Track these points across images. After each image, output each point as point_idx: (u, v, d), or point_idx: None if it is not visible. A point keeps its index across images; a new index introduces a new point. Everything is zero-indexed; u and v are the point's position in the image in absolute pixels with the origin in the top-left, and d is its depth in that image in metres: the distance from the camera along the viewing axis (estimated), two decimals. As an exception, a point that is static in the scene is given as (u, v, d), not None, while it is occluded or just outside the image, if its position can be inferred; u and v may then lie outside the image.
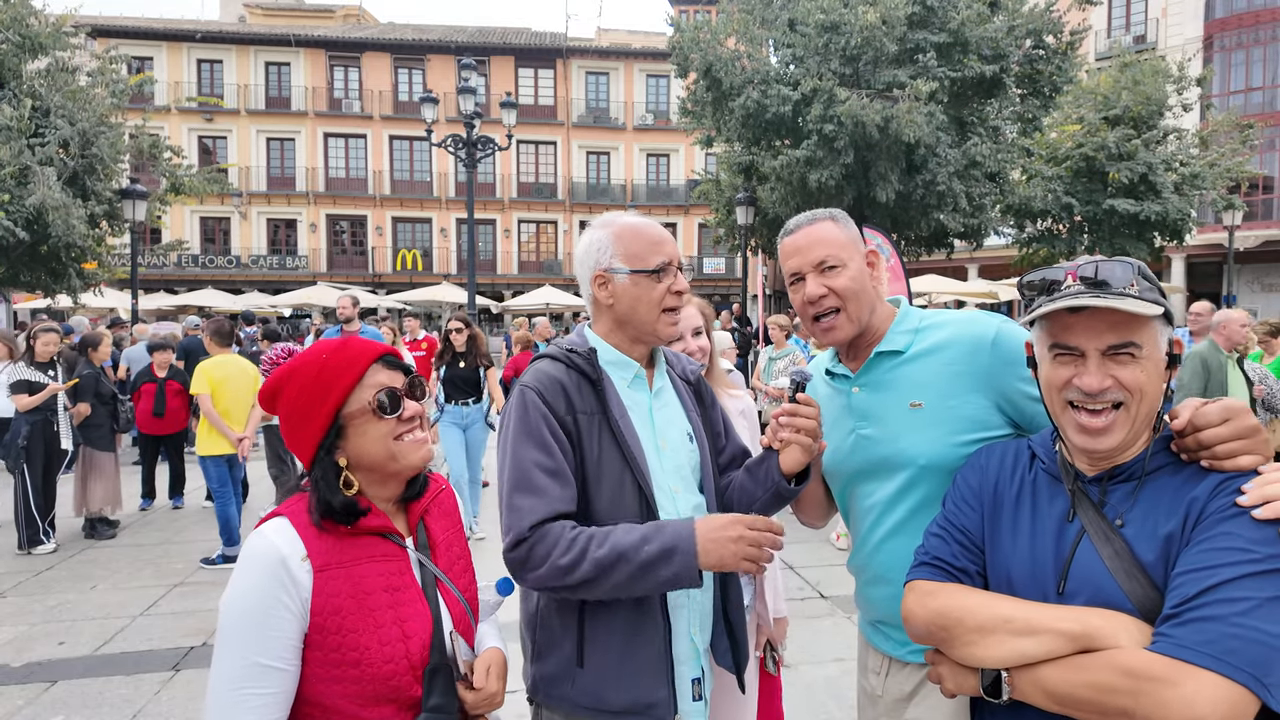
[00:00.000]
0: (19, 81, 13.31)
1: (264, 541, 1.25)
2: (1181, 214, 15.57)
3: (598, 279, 1.62)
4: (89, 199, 13.91)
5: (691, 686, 1.58)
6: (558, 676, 1.52)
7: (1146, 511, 1.16)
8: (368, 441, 1.32)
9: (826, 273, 1.62)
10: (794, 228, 1.69)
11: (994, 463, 1.38)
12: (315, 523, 1.28)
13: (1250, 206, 21.32)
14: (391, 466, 1.34)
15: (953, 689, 1.24)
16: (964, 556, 1.31)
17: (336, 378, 1.31)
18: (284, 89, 31.28)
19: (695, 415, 1.73)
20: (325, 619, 1.23)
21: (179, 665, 4.20)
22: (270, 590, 1.21)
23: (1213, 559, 1.05)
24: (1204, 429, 1.14)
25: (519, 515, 1.45)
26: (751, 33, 15.00)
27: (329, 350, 1.34)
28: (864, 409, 1.67)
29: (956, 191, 14.21)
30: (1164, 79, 16.32)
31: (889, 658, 1.69)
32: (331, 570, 1.25)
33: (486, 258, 31.73)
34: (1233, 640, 0.98)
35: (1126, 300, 1.15)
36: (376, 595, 1.28)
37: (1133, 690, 1.02)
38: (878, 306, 1.69)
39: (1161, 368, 1.19)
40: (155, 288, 27.59)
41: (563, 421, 1.52)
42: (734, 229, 17.74)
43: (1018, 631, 1.14)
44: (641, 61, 32.59)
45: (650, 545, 1.41)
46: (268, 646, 1.21)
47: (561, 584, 1.42)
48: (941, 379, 1.57)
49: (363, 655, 1.24)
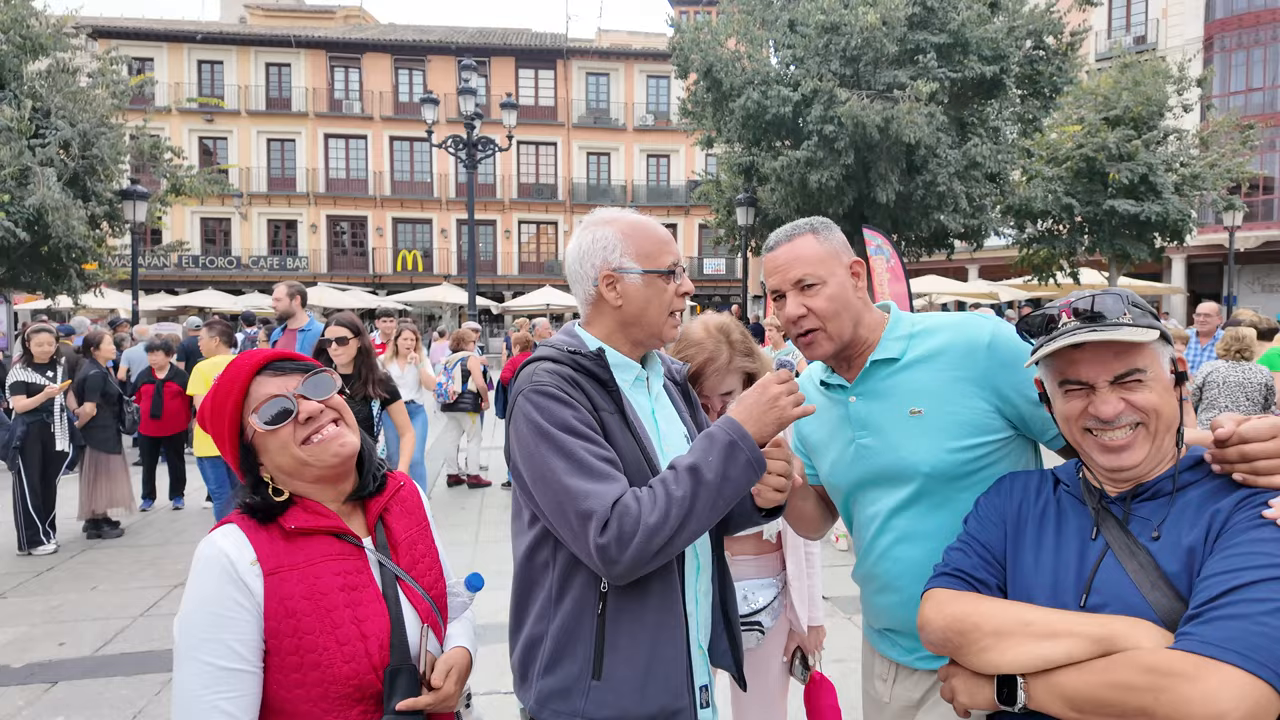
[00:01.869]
0: (20, 82, 13.32)
1: (212, 548, 1.25)
2: (1182, 215, 15.58)
3: (606, 279, 1.54)
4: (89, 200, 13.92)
5: (700, 694, 1.56)
6: (569, 690, 1.43)
7: (1170, 525, 1.17)
8: (275, 454, 1.31)
9: (805, 291, 1.61)
10: (774, 244, 1.68)
11: (1018, 487, 1.39)
12: (260, 523, 1.29)
13: (1251, 207, 21.32)
14: (307, 472, 1.32)
15: (966, 703, 1.21)
16: (984, 569, 1.31)
17: (223, 403, 1.31)
18: (284, 90, 31.30)
19: (687, 416, 1.71)
20: (280, 622, 1.23)
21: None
22: (224, 592, 1.21)
23: (1237, 563, 1.05)
24: (1252, 441, 1.14)
25: (594, 499, 1.33)
26: (752, 34, 15.01)
27: (221, 373, 1.35)
28: (863, 418, 1.65)
29: (957, 192, 14.23)
30: (1164, 80, 16.32)
31: (896, 664, 1.67)
32: (284, 573, 1.25)
33: (487, 258, 31.73)
34: (1257, 637, 0.98)
35: (1123, 330, 1.17)
36: (333, 595, 1.27)
37: (1153, 687, 1.01)
38: (864, 317, 1.66)
39: (1169, 385, 1.22)
40: (156, 288, 27.62)
41: (591, 417, 1.46)
42: (734, 230, 17.76)
43: (1038, 635, 1.13)
44: (642, 62, 32.61)
45: (711, 455, 1.37)
46: (229, 649, 1.20)
47: (661, 544, 1.33)
48: (939, 384, 1.56)
49: (322, 657, 1.23)
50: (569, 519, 1.36)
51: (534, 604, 1.49)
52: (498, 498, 8.08)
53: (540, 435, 1.40)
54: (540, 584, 1.48)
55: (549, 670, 1.45)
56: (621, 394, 1.51)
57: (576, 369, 1.49)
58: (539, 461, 1.40)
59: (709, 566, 1.63)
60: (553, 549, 1.46)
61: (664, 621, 1.46)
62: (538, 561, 1.49)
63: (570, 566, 1.44)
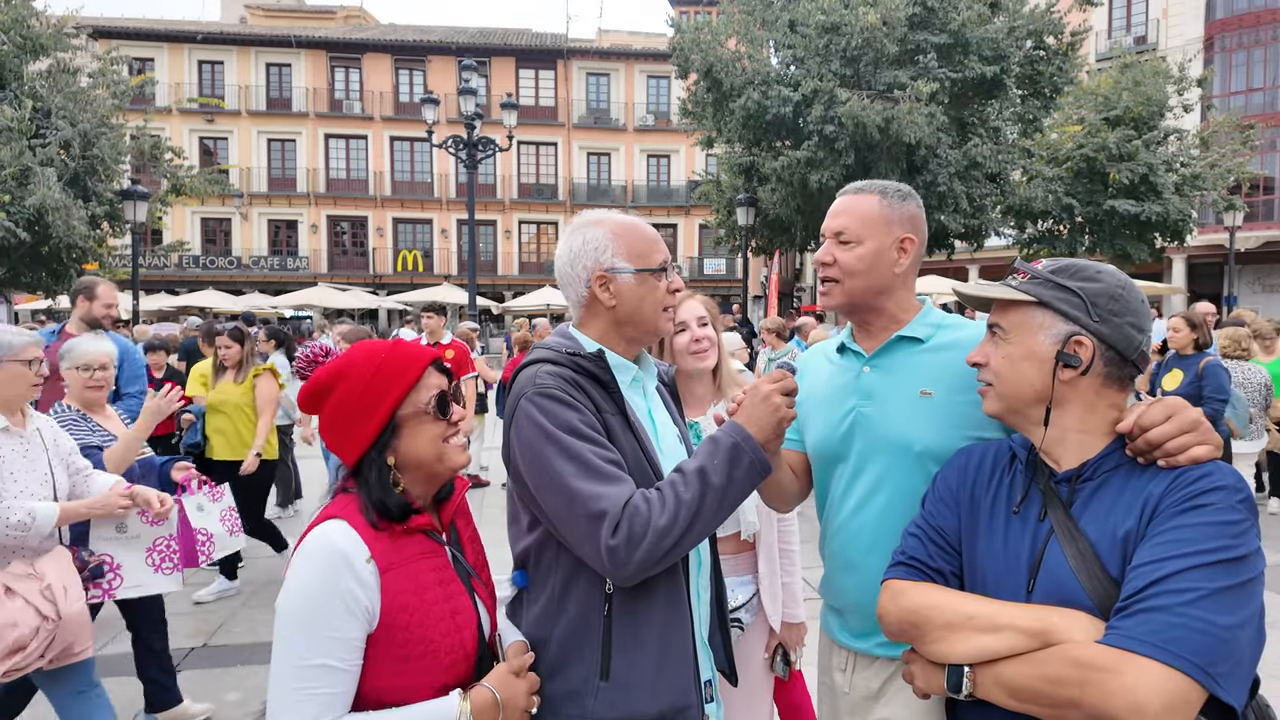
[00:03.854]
0: (20, 83, 13.34)
1: (327, 544, 1.26)
2: (1182, 215, 15.57)
3: (599, 279, 1.55)
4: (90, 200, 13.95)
5: (705, 689, 1.57)
6: (578, 692, 1.42)
7: (1108, 510, 1.18)
8: (421, 442, 1.36)
9: (840, 244, 1.65)
10: (844, 191, 1.72)
11: (973, 464, 1.40)
12: (371, 523, 1.30)
13: (1251, 207, 21.32)
14: (437, 468, 1.39)
15: (923, 687, 1.27)
16: (940, 557, 1.34)
17: (396, 377, 1.35)
18: (285, 90, 31.32)
19: (678, 417, 1.72)
20: (394, 616, 1.27)
21: (180, 665, 4.20)
22: (334, 592, 1.23)
23: (1163, 552, 1.07)
24: (1150, 428, 1.17)
25: (605, 501, 1.33)
26: (752, 34, 15.01)
27: (384, 351, 1.38)
28: (870, 388, 1.66)
29: (957, 192, 14.22)
30: (1165, 80, 16.32)
31: (854, 653, 1.69)
32: (395, 570, 1.29)
33: (487, 259, 31.74)
34: (1175, 629, 1.01)
35: (990, 288, 1.34)
36: (432, 590, 1.33)
37: (1080, 680, 1.04)
38: (896, 293, 1.67)
39: (1036, 356, 1.27)
40: (156, 289, 27.62)
41: (595, 419, 1.45)
42: (734, 230, 17.76)
43: (981, 628, 1.17)
44: (642, 62, 32.62)
45: (717, 458, 1.39)
46: (330, 648, 1.22)
47: (669, 546, 1.33)
48: (954, 374, 1.57)
49: (428, 647, 1.30)
50: (578, 521, 1.35)
51: (533, 606, 1.49)
52: (498, 497, 8.09)
53: (546, 438, 1.39)
54: (543, 587, 1.48)
55: (555, 674, 1.44)
56: (623, 395, 1.51)
57: (577, 370, 1.48)
58: (545, 465, 1.39)
59: (708, 561, 1.64)
60: (555, 552, 1.45)
61: (672, 620, 1.47)
62: (541, 564, 1.48)
63: (574, 570, 1.44)
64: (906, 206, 1.66)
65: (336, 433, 1.37)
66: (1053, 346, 1.25)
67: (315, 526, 1.30)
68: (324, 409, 1.37)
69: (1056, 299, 1.25)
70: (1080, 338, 1.23)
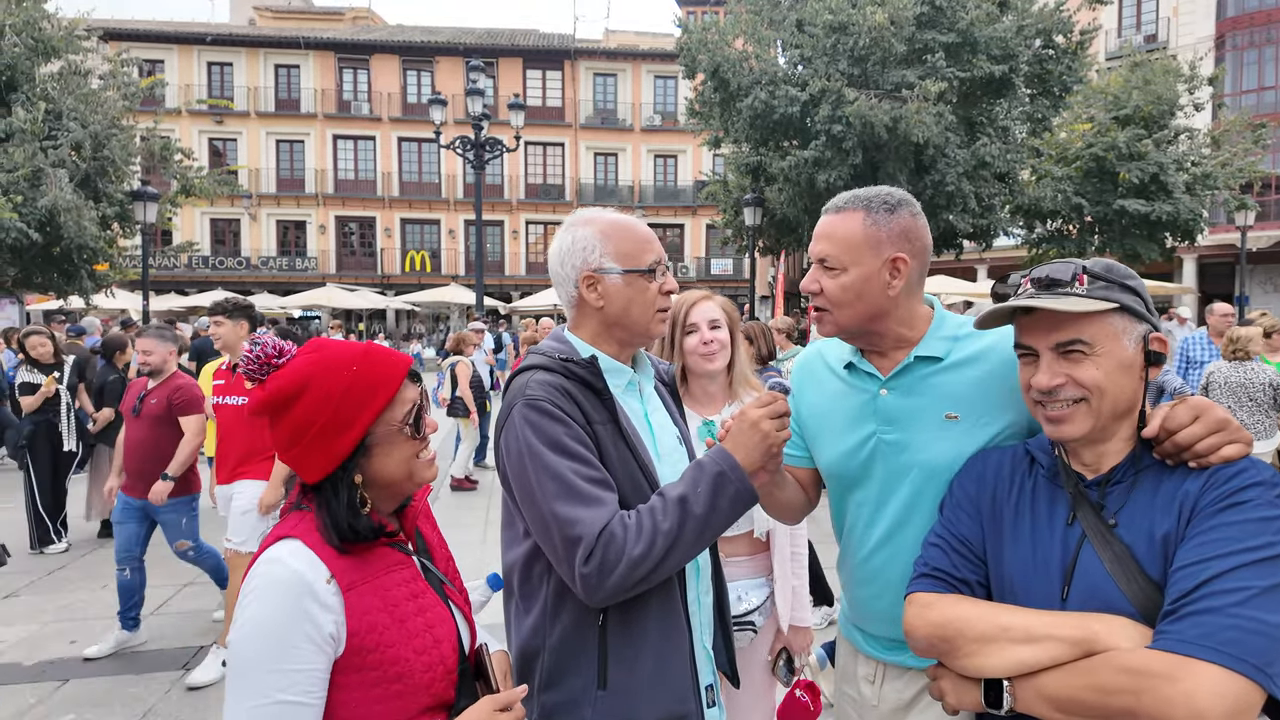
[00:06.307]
0: (32, 85, 13.45)
1: (282, 568, 1.14)
2: (1193, 214, 15.44)
3: (586, 280, 1.52)
4: (100, 201, 14.04)
5: (706, 694, 1.55)
6: (576, 702, 1.41)
7: (1143, 512, 1.15)
8: (392, 462, 1.24)
9: (824, 270, 1.54)
10: (827, 209, 1.59)
11: (990, 470, 1.36)
12: (334, 546, 1.18)
13: (1263, 207, 21.13)
14: (407, 486, 1.29)
15: (955, 704, 1.21)
16: (965, 567, 1.29)
17: (371, 393, 1.21)
18: (293, 91, 31.44)
19: (679, 418, 1.69)
20: (363, 638, 1.16)
21: (189, 664, 4.23)
22: (294, 620, 1.11)
23: (1207, 551, 1.04)
24: (1176, 431, 1.15)
25: (581, 526, 1.32)
26: (759, 33, 14.99)
27: (356, 360, 1.23)
28: (891, 413, 1.56)
29: (965, 192, 14.17)
30: (1175, 78, 16.19)
31: (883, 663, 1.62)
32: (359, 587, 1.18)
33: (494, 259, 31.81)
34: (1231, 631, 0.98)
35: (1065, 300, 1.17)
36: (404, 604, 1.23)
37: (1135, 689, 1.00)
38: (894, 313, 1.54)
39: (1125, 363, 1.19)
40: (166, 289, 27.76)
41: (584, 431, 1.42)
42: (742, 230, 17.73)
43: (1018, 639, 1.12)
44: (649, 63, 32.60)
45: (700, 486, 1.35)
46: (293, 681, 1.10)
47: (643, 575, 1.32)
48: (977, 392, 1.50)
49: (404, 668, 1.19)
50: (554, 543, 1.35)
51: (528, 616, 1.48)
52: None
53: (531, 454, 1.38)
54: (535, 597, 1.47)
55: (551, 685, 1.43)
56: (615, 402, 1.49)
57: (569, 377, 1.46)
58: (527, 482, 1.39)
59: (708, 566, 1.62)
60: (546, 562, 1.44)
61: (666, 628, 1.46)
62: (533, 574, 1.47)
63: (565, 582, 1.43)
64: (897, 220, 1.51)
65: (298, 450, 1.20)
66: (1137, 350, 1.20)
67: (264, 550, 1.18)
68: (282, 422, 1.20)
69: (1131, 301, 1.20)
70: (1155, 334, 1.21)
